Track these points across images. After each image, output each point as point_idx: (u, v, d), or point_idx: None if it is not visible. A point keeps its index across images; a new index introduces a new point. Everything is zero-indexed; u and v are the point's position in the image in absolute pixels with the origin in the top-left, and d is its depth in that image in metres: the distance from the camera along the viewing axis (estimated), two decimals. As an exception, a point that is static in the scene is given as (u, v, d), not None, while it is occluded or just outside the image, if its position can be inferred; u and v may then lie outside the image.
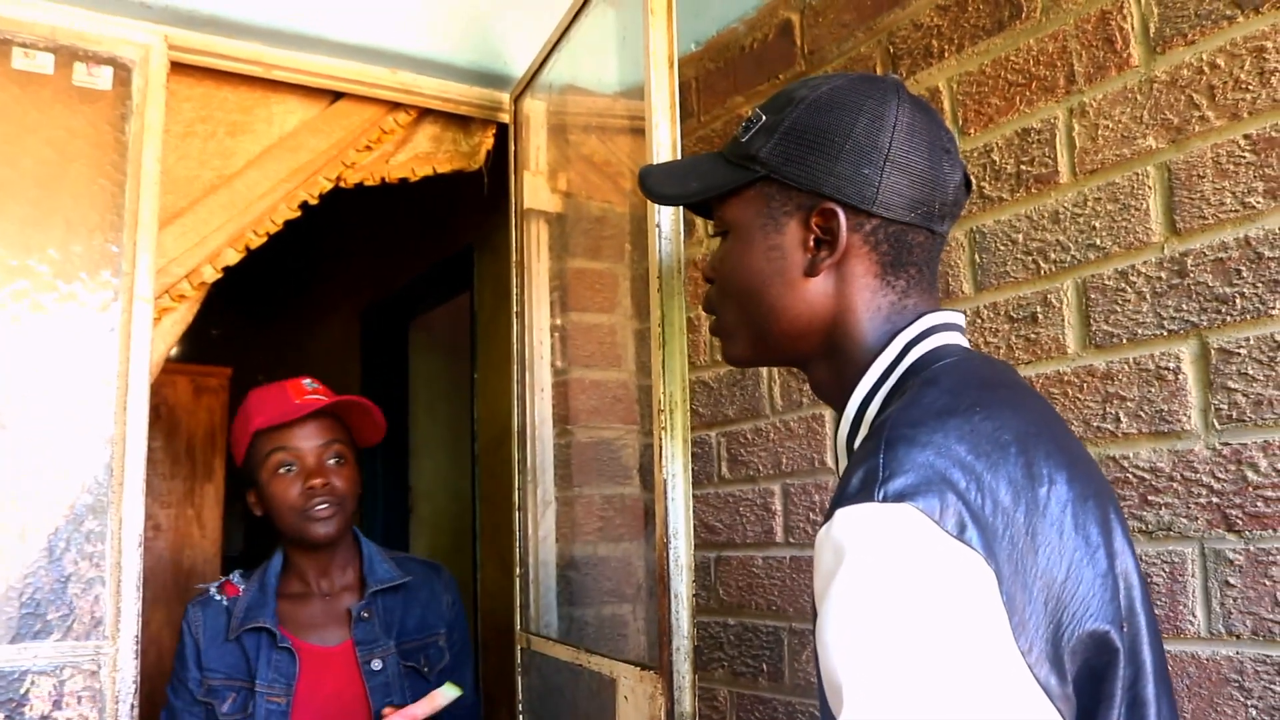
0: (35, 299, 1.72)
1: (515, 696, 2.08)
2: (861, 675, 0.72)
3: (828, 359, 0.99)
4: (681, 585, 1.41)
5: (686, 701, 1.38)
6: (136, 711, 1.68)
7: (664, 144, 1.49)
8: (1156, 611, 1.21)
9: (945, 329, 0.96)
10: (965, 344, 0.97)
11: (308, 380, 1.97)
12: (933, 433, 0.80)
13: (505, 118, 2.26)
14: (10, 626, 1.65)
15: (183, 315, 1.96)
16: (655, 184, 1.10)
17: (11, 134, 1.74)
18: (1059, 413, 1.08)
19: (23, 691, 1.63)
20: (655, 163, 1.39)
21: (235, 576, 1.96)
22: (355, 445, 1.99)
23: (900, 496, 0.76)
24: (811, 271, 0.97)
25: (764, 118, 1.00)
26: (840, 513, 0.78)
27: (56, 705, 1.64)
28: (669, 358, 1.44)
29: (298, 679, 1.84)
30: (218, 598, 1.91)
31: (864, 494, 0.77)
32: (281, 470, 1.87)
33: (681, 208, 1.46)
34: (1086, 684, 0.80)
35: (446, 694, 1.81)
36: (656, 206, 1.45)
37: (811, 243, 0.96)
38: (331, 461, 1.90)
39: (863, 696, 0.71)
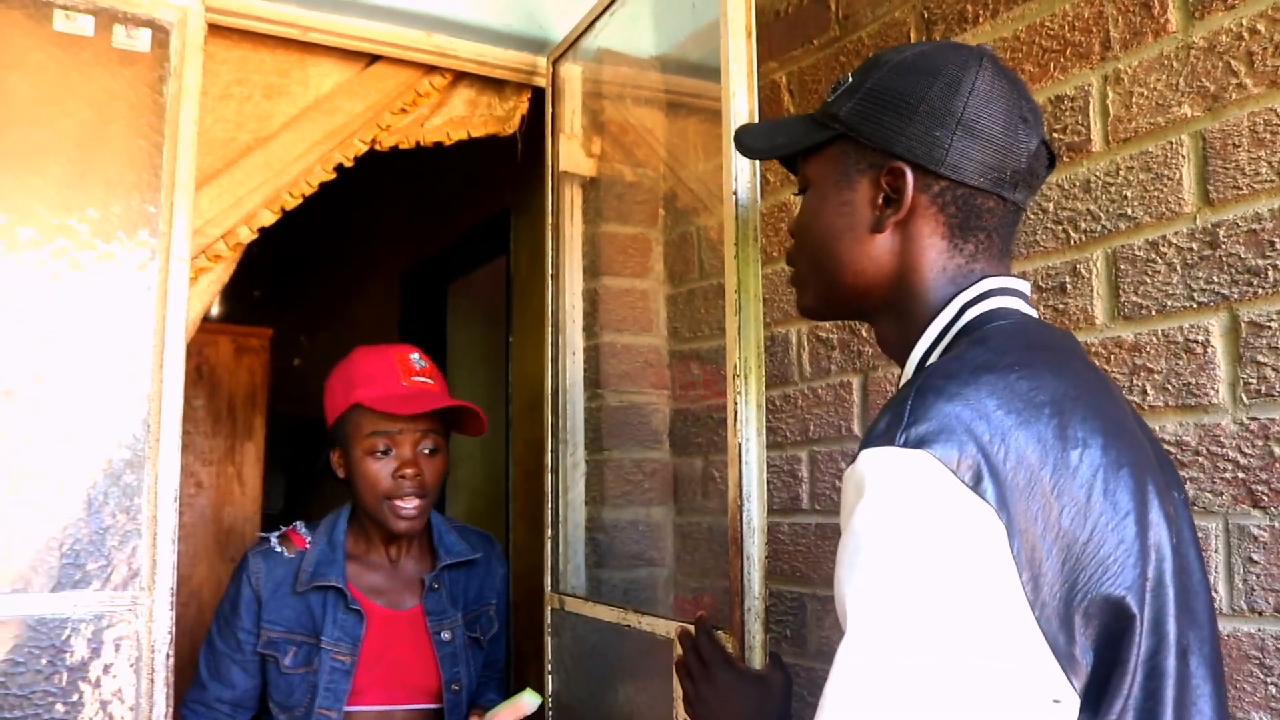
0: (75, 257, 1.76)
1: (544, 655, 2.10)
2: (864, 609, 0.76)
3: (893, 316, 1.02)
4: (754, 547, 1.43)
5: (757, 661, 1.41)
6: (172, 661, 1.72)
7: (741, 115, 1.49)
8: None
9: (1005, 293, 0.97)
10: (1028, 310, 0.98)
11: (415, 355, 1.93)
12: (964, 385, 0.82)
13: (541, 81, 2.26)
14: (51, 576, 1.69)
15: (219, 275, 1.99)
16: (748, 138, 1.15)
17: (53, 95, 1.77)
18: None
19: (64, 638, 1.68)
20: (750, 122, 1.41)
21: (300, 528, 1.95)
22: (448, 432, 1.98)
23: (920, 442, 0.79)
24: (878, 228, 0.99)
25: (850, 80, 1.03)
26: (864, 453, 0.82)
27: (95, 653, 1.69)
28: (744, 323, 1.46)
29: (363, 640, 1.86)
30: (279, 549, 1.90)
31: (887, 437, 0.81)
32: (377, 452, 1.85)
33: (758, 175, 1.49)
34: (1104, 649, 0.81)
35: (530, 702, 1.83)
36: (733, 174, 1.46)
37: (880, 200, 0.99)
38: (425, 451, 1.89)
39: (862, 629, 0.76)
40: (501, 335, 3.53)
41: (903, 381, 0.99)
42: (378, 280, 4.67)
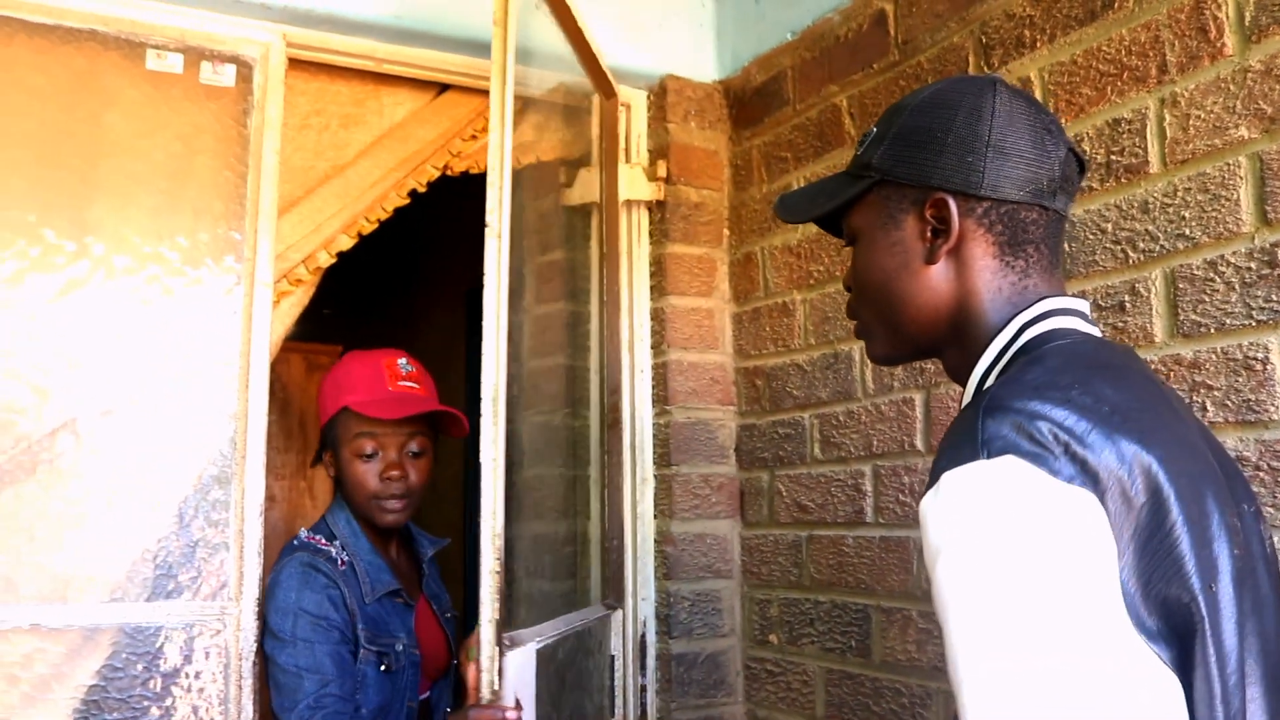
0: (166, 284, 1.85)
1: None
2: (1003, 617, 0.78)
3: (958, 344, 1.04)
4: (491, 561, 1.50)
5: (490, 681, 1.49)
6: (257, 669, 1.80)
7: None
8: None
9: (1064, 313, 1.00)
10: (1087, 328, 1.01)
11: (403, 361, 1.97)
12: (1028, 401, 0.85)
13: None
14: (146, 586, 1.78)
15: (299, 298, 2.08)
16: (790, 204, 1.20)
17: (145, 130, 1.87)
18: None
19: (158, 645, 1.77)
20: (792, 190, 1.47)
21: (334, 545, 1.90)
22: (435, 435, 2.00)
23: (1004, 451, 0.81)
24: (931, 259, 1.02)
25: (875, 131, 1.08)
26: (948, 474, 0.84)
27: (187, 659, 1.78)
28: (496, 353, 1.52)
29: (416, 632, 1.93)
30: (336, 555, 1.88)
31: (968, 454, 0.83)
32: (363, 454, 1.89)
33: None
34: (1175, 646, 0.82)
35: None
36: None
37: (928, 233, 1.02)
38: (411, 453, 1.93)
39: (1006, 634, 0.77)
40: (566, 352, 3.59)
41: (964, 402, 1.02)
42: (444, 298, 4.76)
